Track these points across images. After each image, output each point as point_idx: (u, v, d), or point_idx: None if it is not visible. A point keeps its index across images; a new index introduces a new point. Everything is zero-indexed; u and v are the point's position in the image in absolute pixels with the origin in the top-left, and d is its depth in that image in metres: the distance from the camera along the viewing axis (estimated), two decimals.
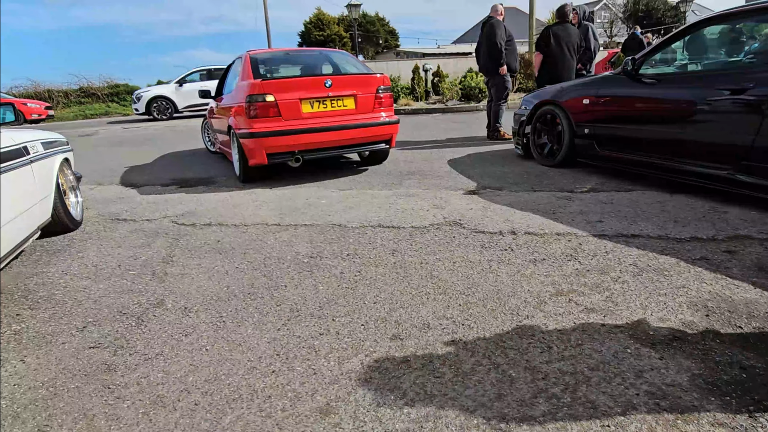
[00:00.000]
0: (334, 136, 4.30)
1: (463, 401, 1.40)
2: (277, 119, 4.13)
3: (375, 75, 4.63)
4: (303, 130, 4.17)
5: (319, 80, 4.31)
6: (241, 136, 4.22)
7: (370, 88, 4.49)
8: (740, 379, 1.43)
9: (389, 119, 4.60)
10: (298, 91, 4.19)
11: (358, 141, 4.48)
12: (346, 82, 4.44)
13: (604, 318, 1.82)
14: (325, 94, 4.26)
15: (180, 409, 1.43)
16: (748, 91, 2.79)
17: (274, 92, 4.10)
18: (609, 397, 1.38)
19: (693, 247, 2.44)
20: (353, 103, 4.42)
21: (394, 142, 4.81)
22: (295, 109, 4.18)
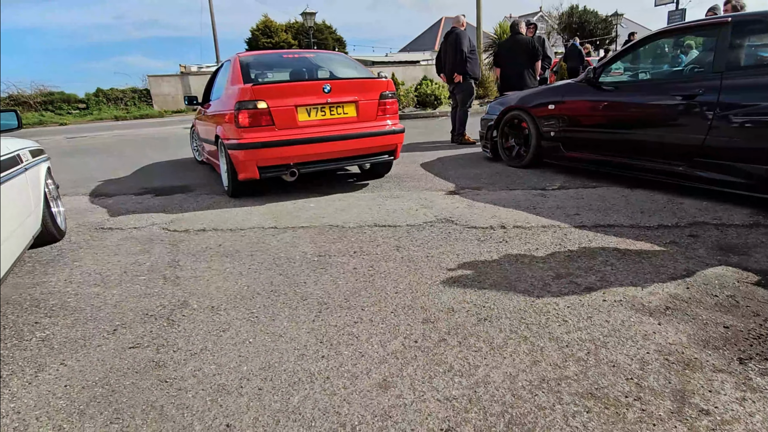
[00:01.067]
0: (333, 147, 3.94)
1: (504, 369, 1.58)
2: (270, 128, 3.76)
3: (379, 79, 4.23)
4: (299, 141, 3.80)
5: (317, 85, 3.92)
6: (230, 147, 3.84)
7: (373, 94, 4.12)
8: (726, 336, 1.71)
9: (394, 128, 4.22)
10: (294, 98, 3.82)
11: (360, 152, 4.12)
12: (347, 87, 4.04)
13: (603, 294, 2.07)
14: (324, 100, 3.90)
15: (246, 394, 1.52)
16: (698, 97, 3.20)
17: (266, 98, 3.72)
18: (626, 356, 1.61)
19: (662, 233, 2.78)
20: (354, 110, 4.05)
21: (399, 153, 4.45)
22: (291, 118, 3.81)
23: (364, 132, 4.04)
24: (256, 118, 3.72)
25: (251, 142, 3.71)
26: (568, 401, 1.41)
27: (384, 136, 4.15)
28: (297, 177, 3.98)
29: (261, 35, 31.79)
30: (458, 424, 1.34)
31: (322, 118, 3.93)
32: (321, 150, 3.91)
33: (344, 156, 4.07)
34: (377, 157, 4.28)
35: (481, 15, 15.69)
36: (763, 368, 1.51)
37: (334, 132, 3.92)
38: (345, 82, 4.10)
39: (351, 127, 4.01)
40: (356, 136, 3.99)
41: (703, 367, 1.54)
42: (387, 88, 4.20)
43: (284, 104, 3.78)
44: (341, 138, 3.93)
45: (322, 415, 1.41)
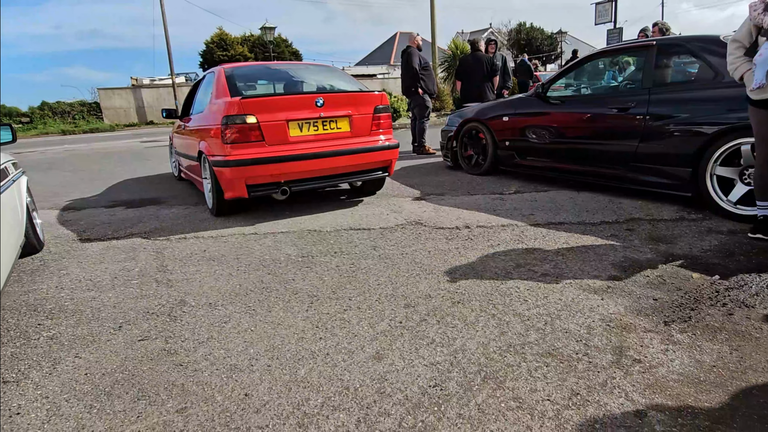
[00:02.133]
0: (326, 163, 3.74)
1: (478, 339, 1.87)
2: (259, 144, 3.55)
3: (372, 93, 4.07)
4: (291, 158, 3.60)
5: (309, 98, 3.73)
6: (216, 164, 3.63)
7: (367, 108, 3.95)
8: (654, 306, 2.07)
9: (389, 143, 4.05)
10: (285, 112, 3.61)
11: (354, 169, 3.94)
12: (340, 101, 3.87)
13: (557, 279, 2.41)
14: (317, 114, 3.71)
15: (257, 370, 1.74)
16: (631, 110, 3.67)
17: (256, 112, 3.51)
18: (576, 324, 1.94)
19: (604, 228, 3.18)
20: (348, 124, 3.87)
21: (393, 169, 4.28)
22: (281, 133, 3.61)
23: (359, 148, 3.88)
24: (244, 133, 3.52)
25: (239, 159, 3.50)
26: (531, 360, 1.71)
27: (379, 152, 3.99)
28: (288, 195, 3.81)
29: (216, 48, 31.47)
30: (443, 381, 1.61)
31: (314, 134, 3.75)
32: (313, 167, 3.72)
33: (338, 173, 3.91)
34: (371, 173, 4.11)
35: (435, 31, 16.35)
36: (682, 328, 1.88)
37: (327, 148, 3.74)
38: (338, 96, 3.94)
39: (345, 142, 3.84)
40: (350, 152, 3.83)
41: (636, 329, 1.88)
42: (381, 102, 4.04)
43: (275, 119, 3.58)
44: (335, 154, 3.75)
45: (327, 382, 1.64)
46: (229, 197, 3.72)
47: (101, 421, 1.50)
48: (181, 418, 1.49)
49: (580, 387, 1.54)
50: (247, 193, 3.61)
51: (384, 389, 1.59)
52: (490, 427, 1.39)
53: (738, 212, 3.13)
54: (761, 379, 1.54)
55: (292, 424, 1.44)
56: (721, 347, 1.73)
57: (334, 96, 3.90)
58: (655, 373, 1.60)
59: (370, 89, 4.22)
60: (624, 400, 1.47)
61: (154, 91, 25.28)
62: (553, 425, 1.38)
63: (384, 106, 4.06)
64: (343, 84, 4.41)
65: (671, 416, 1.39)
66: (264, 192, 3.69)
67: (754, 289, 2.18)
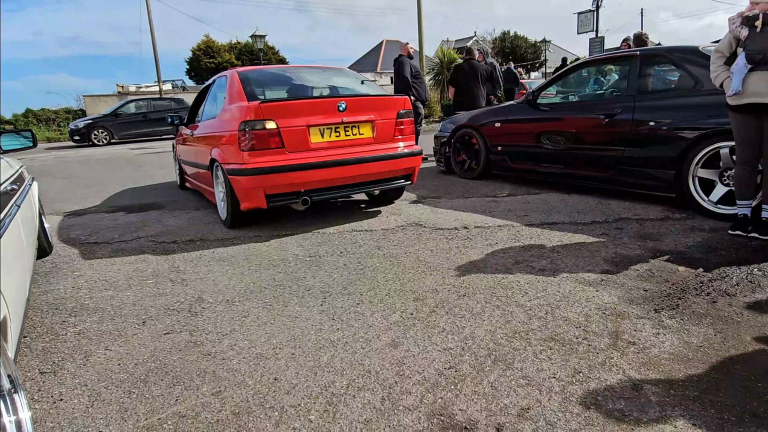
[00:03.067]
0: (349, 171, 3.56)
1: (485, 327, 2.02)
2: (279, 151, 3.37)
3: (395, 97, 3.91)
4: (312, 165, 3.41)
5: (332, 103, 3.54)
6: (232, 172, 3.44)
7: (390, 113, 3.78)
8: (645, 296, 2.24)
9: (412, 150, 3.89)
10: (306, 117, 3.43)
11: (376, 177, 3.76)
12: (363, 105, 3.69)
13: (554, 273, 2.57)
14: (339, 119, 3.53)
15: (282, 358, 1.86)
16: (617, 116, 3.88)
17: (275, 117, 3.33)
18: (574, 313, 2.10)
19: (595, 227, 3.37)
20: (370, 130, 3.71)
21: (416, 177, 4.10)
22: (302, 139, 3.43)
23: (382, 155, 3.70)
24: (263, 139, 3.32)
25: (258, 167, 3.31)
26: (536, 344, 1.87)
27: (402, 159, 3.83)
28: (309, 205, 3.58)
29: (203, 55, 31.50)
30: (457, 363, 1.76)
31: (336, 140, 3.57)
32: (335, 175, 3.52)
33: (360, 182, 3.71)
34: (394, 182, 3.92)
35: (422, 40, 16.64)
36: (671, 314, 2.05)
37: (349, 155, 3.56)
38: (361, 100, 3.75)
39: (367, 149, 3.67)
40: (373, 159, 3.65)
41: (629, 316, 2.05)
42: (404, 107, 3.87)
43: (295, 124, 3.40)
44: (358, 162, 3.58)
45: (349, 367, 1.77)
46: (245, 208, 3.53)
47: (142, 404, 1.61)
48: (218, 400, 1.61)
49: (582, 366, 1.70)
50: (266, 204, 3.42)
51: (403, 372, 1.72)
52: (503, 401, 1.53)
53: (719, 211, 3.34)
54: (742, 356, 1.71)
55: (322, 403, 1.57)
56: (707, 330, 1.90)
57: (357, 100, 3.71)
58: (649, 353, 1.76)
59: (393, 93, 4.17)
60: (622, 376, 1.62)
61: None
62: (560, 398, 1.53)
63: (407, 111, 3.89)
64: (364, 88, 4.24)
65: (664, 388, 1.55)
66: (283, 202, 3.49)
67: (735, 279, 2.36)
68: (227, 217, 3.80)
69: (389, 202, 4.48)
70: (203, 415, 1.53)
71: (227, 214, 3.77)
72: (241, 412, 1.54)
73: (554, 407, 1.49)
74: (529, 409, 1.48)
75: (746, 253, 2.72)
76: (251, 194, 3.42)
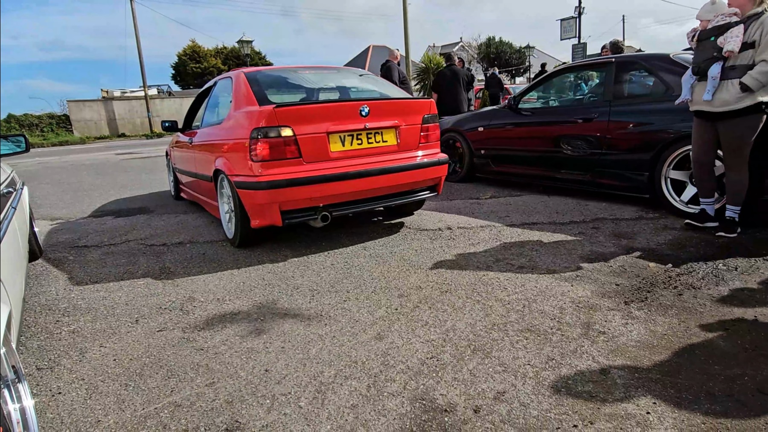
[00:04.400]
0: (372, 183, 3.20)
1: (465, 320, 2.13)
2: (296, 162, 3.00)
3: (420, 100, 3.57)
4: (332, 177, 3.05)
5: (353, 107, 3.17)
6: (242, 185, 3.06)
7: (415, 118, 3.43)
8: (617, 290, 2.37)
9: (438, 158, 3.55)
10: (325, 122, 3.07)
11: (400, 189, 3.42)
12: (387, 110, 3.33)
13: (532, 270, 2.70)
14: (361, 125, 3.17)
15: (273, 351, 1.95)
16: (594, 120, 4.04)
17: (292, 124, 2.97)
18: (550, 306, 2.22)
19: (572, 227, 3.51)
20: (394, 137, 3.35)
21: (442, 187, 3.74)
22: (321, 148, 3.07)
23: (408, 164, 3.35)
24: (278, 149, 2.96)
25: (273, 180, 2.93)
26: (513, 334, 1.98)
27: (428, 169, 3.47)
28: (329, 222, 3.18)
29: (189, 60, 31.41)
30: (439, 353, 1.86)
31: (358, 148, 3.21)
32: (358, 188, 3.17)
33: (383, 194, 3.38)
34: (418, 193, 3.59)
35: (409, 45, 16.84)
36: (639, 306, 2.18)
37: (373, 165, 3.21)
38: (385, 103, 3.37)
39: (392, 158, 3.31)
40: (398, 169, 3.30)
41: (601, 308, 2.18)
42: (429, 111, 3.53)
43: (313, 131, 3.04)
44: (381, 172, 3.22)
45: (337, 358, 1.87)
46: (257, 226, 3.13)
47: (138, 395, 1.69)
48: (212, 390, 1.69)
49: (555, 354, 1.81)
50: (281, 221, 3.05)
51: (388, 362, 1.82)
52: (481, 386, 1.64)
53: (689, 210, 3.51)
54: (702, 342, 1.84)
55: (312, 391, 1.66)
56: (672, 320, 2.04)
57: (381, 104, 3.32)
58: (617, 341, 1.89)
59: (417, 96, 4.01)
60: (591, 362, 1.74)
61: (126, 104, 25.01)
62: (534, 383, 1.64)
63: (432, 116, 3.54)
64: (388, 90, 3.85)
65: (630, 372, 1.67)
66: (301, 219, 3.12)
67: (700, 274, 2.51)
68: (235, 236, 3.38)
69: (408, 213, 4.16)
70: (198, 404, 1.61)
71: (235, 232, 3.36)
72: (234, 401, 1.62)
73: (528, 390, 1.60)
74: (504, 393, 1.59)
75: (713, 249, 2.87)
76: (264, 210, 3.03)
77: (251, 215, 3.13)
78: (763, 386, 1.55)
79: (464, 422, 1.46)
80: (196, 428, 1.49)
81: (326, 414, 1.53)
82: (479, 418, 1.48)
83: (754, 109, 2.83)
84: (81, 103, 23.65)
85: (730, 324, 1.97)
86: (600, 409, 1.48)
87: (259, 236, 3.48)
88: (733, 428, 1.37)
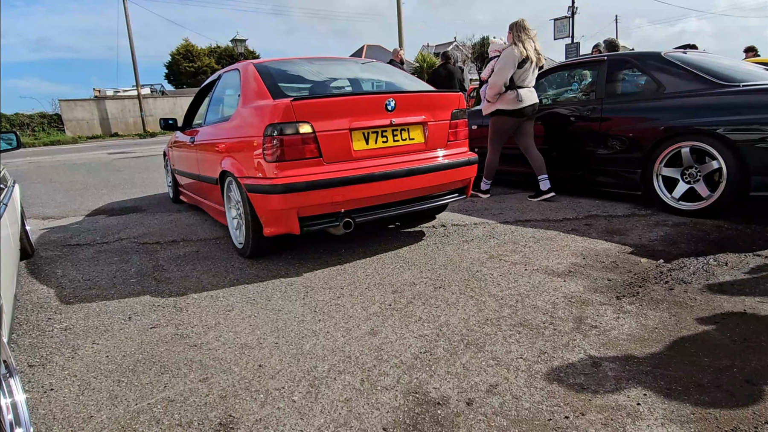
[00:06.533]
0: (398, 185, 2.89)
1: (459, 315, 2.14)
2: (315, 162, 2.70)
3: (449, 93, 3.22)
4: (356, 179, 2.74)
5: (378, 100, 2.86)
6: (254, 189, 2.77)
7: (444, 113, 3.12)
8: (609, 285, 2.39)
9: (468, 158, 3.24)
10: (347, 118, 2.77)
11: (428, 192, 3.12)
12: (414, 104, 3.02)
13: (525, 267, 2.71)
14: (387, 120, 2.87)
15: (266, 347, 1.95)
16: (587, 118, 4.07)
17: (311, 119, 2.66)
18: (543, 301, 2.24)
19: (565, 224, 3.53)
20: (422, 134, 3.04)
21: (471, 190, 3.43)
22: (343, 146, 2.77)
23: (436, 164, 3.05)
24: (296, 147, 2.65)
25: (291, 183, 2.62)
26: (506, 329, 1.99)
27: (458, 169, 3.16)
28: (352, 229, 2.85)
29: (182, 59, 31.26)
30: (432, 348, 1.87)
31: (383, 146, 2.90)
32: (383, 191, 2.86)
33: (410, 197, 3.06)
34: (446, 197, 3.27)
35: (403, 45, 16.85)
36: (631, 301, 2.20)
37: (399, 165, 2.90)
38: (412, 97, 3.05)
39: (419, 157, 3.01)
40: (427, 169, 2.99)
41: (593, 303, 2.20)
42: (459, 105, 3.22)
43: (335, 127, 2.73)
44: (409, 173, 2.91)
45: (330, 353, 1.87)
46: (271, 234, 2.83)
47: (131, 391, 1.68)
48: (205, 385, 1.69)
49: (547, 347, 1.83)
50: (299, 229, 2.73)
51: (381, 356, 1.83)
52: (474, 379, 1.65)
53: (681, 207, 3.54)
54: (692, 335, 1.86)
55: (305, 385, 1.66)
56: (662, 314, 2.06)
57: (408, 97, 3.00)
58: (609, 334, 1.90)
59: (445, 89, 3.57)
60: (583, 356, 1.76)
61: (118, 103, 24.86)
62: (526, 376, 1.65)
63: (461, 111, 3.24)
64: (413, 82, 3.55)
65: (621, 364, 1.69)
66: (321, 226, 2.80)
67: (691, 269, 2.53)
68: (245, 245, 3.07)
69: (431, 218, 3.87)
70: (191, 399, 1.61)
71: (245, 240, 3.05)
72: (228, 396, 1.62)
73: (520, 383, 1.61)
74: (497, 386, 1.60)
75: (704, 245, 2.90)
76: (280, 217, 2.72)
77: (264, 222, 2.82)
78: (751, 377, 1.57)
79: (457, 415, 1.47)
80: (189, 423, 1.49)
81: (320, 408, 1.54)
82: (472, 410, 1.49)
83: (493, 114, 4.41)
84: (73, 102, 23.48)
85: (720, 317, 1.99)
86: (591, 401, 1.49)
87: (274, 246, 3.19)
88: (721, 418, 1.38)
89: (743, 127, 3.16)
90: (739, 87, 3.32)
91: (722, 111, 3.27)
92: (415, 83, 3.56)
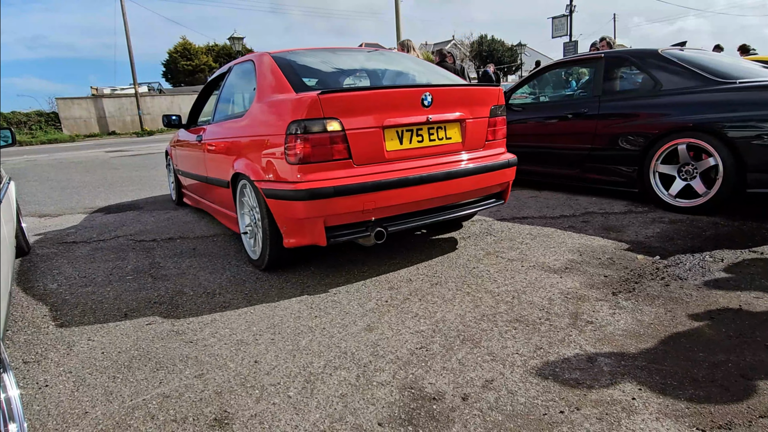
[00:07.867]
0: (435, 191, 2.58)
1: (455, 311, 2.14)
2: (344, 164, 2.38)
3: (488, 88, 2.91)
4: (390, 184, 2.42)
5: (414, 94, 2.51)
6: (274, 194, 2.45)
7: (482, 109, 2.81)
8: (605, 281, 2.40)
9: (507, 159, 2.95)
10: (379, 113, 2.42)
11: (466, 197, 2.82)
12: (452, 98, 2.69)
13: (522, 263, 2.71)
14: (423, 117, 2.53)
15: (262, 343, 1.94)
16: (583, 115, 4.07)
17: (340, 115, 2.33)
18: (539, 297, 2.24)
19: (563, 221, 3.53)
20: (459, 133, 2.72)
21: (509, 194, 3.14)
22: (376, 146, 2.44)
23: (476, 166, 2.73)
24: (323, 148, 2.32)
25: (317, 188, 2.30)
26: (502, 325, 1.99)
27: (498, 172, 2.86)
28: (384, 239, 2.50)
29: (180, 57, 31.18)
30: (428, 344, 1.87)
31: (418, 146, 2.57)
32: (418, 197, 2.53)
33: (446, 204, 2.75)
34: (483, 202, 2.96)
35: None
36: (627, 297, 2.20)
37: (436, 168, 2.58)
38: (449, 91, 2.71)
39: (456, 159, 2.70)
40: (466, 172, 2.68)
41: (589, 299, 2.20)
42: (498, 101, 2.92)
43: (367, 125, 2.41)
44: (447, 177, 2.59)
45: (326, 349, 1.87)
46: (292, 245, 2.50)
47: (126, 387, 1.68)
48: (200, 381, 1.69)
49: (543, 343, 1.83)
50: (325, 239, 2.40)
51: (377, 352, 1.83)
52: (470, 375, 1.65)
53: (677, 204, 3.54)
54: (688, 331, 1.87)
55: (301, 381, 1.66)
56: (658, 310, 2.06)
57: (445, 91, 2.66)
58: (604, 330, 1.91)
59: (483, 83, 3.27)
60: (579, 351, 1.76)
61: (116, 101, 24.80)
62: (522, 371, 1.65)
63: (501, 107, 2.95)
64: (447, 75, 3.24)
65: (616, 360, 1.69)
66: (348, 236, 2.47)
67: (687, 265, 2.54)
68: (262, 257, 2.75)
69: (457, 226, 3.55)
70: (187, 395, 1.61)
71: (262, 251, 2.74)
72: (223, 391, 1.62)
73: (516, 378, 1.61)
74: (492, 381, 1.60)
75: (700, 242, 2.90)
76: (304, 226, 2.40)
77: (285, 232, 2.50)
78: (745, 372, 1.57)
79: (452, 410, 1.47)
80: (184, 418, 1.49)
81: (315, 403, 1.53)
82: (467, 405, 1.49)
83: None
84: (70, 100, 23.41)
85: (716, 313, 2.00)
86: (586, 396, 1.50)
87: (294, 258, 2.86)
88: (716, 412, 1.39)
89: (740, 124, 3.16)
90: (736, 84, 3.32)
91: (719, 108, 3.27)
92: (450, 77, 3.22)
